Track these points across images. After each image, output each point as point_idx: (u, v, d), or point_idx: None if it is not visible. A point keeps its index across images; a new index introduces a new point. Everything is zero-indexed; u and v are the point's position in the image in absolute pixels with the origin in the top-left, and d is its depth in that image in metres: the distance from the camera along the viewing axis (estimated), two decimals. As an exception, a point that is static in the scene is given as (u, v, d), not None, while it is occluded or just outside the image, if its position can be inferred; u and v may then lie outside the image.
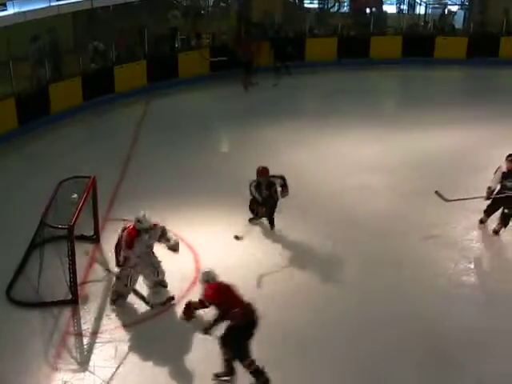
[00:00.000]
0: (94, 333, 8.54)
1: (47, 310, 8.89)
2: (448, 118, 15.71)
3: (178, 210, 11.45)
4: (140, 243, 8.65)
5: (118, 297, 9.01)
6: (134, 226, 8.65)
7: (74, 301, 8.99)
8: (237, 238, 10.36)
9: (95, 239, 10.39)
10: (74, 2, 15.79)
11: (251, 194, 10.69)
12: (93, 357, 8.15)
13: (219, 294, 7.56)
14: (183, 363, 8.03)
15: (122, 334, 8.52)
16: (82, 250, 9.67)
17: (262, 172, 10.60)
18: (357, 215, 11.31)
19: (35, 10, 14.91)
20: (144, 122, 16.03)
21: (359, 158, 13.52)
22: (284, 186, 10.66)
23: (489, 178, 12.66)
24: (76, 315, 8.86)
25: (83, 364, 8.04)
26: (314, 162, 13.47)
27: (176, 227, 10.62)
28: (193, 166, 13.17)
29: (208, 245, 10.35)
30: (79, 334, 8.53)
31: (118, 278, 8.96)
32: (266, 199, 10.65)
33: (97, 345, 8.35)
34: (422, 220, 11.20)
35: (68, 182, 9.85)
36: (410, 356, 8.14)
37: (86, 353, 8.26)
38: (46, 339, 8.38)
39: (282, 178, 10.63)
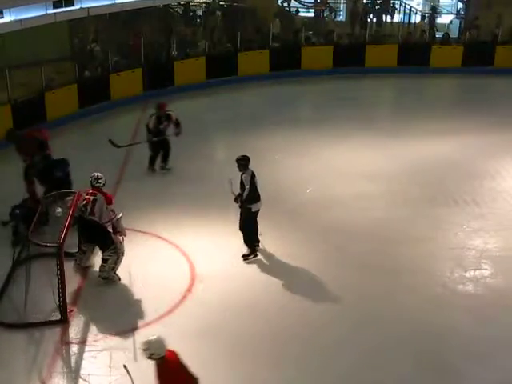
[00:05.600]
0: (89, 341, 8.46)
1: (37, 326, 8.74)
2: (443, 126, 15.75)
3: (173, 218, 11.44)
4: None
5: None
6: (98, 188, 9.40)
7: (62, 320, 8.71)
8: (111, 142, 13.08)
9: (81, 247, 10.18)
10: (70, 11, 15.79)
11: (147, 124, 13.09)
12: (88, 365, 8.08)
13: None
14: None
15: (119, 342, 8.44)
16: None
17: (162, 106, 13.19)
18: (352, 223, 11.32)
19: (32, 17, 14.92)
20: (140, 130, 16.00)
21: (354, 167, 13.53)
22: (178, 123, 13.07)
23: (483, 187, 12.79)
24: (70, 324, 8.78)
25: (78, 372, 7.96)
26: (308, 170, 13.48)
27: (171, 236, 10.65)
28: (188, 175, 13.17)
29: (203, 253, 10.33)
30: (74, 343, 8.45)
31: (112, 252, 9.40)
32: (160, 132, 13.06)
33: (92, 353, 8.28)
34: (418, 228, 11.21)
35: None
36: (405, 360, 8.12)
37: (80, 361, 8.18)
38: (41, 349, 8.30)
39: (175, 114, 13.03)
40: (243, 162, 9.92)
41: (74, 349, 8.37)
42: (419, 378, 7.90)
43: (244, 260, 10.11)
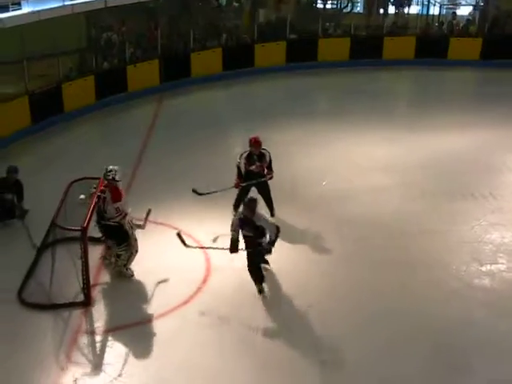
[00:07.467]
0: (106, 331, 8.56)
1: (59, 311, 8.90)
2: (461, 119, 15.64)
3: (189, 209, 11.46)
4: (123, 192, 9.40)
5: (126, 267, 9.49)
6: (108, 182, 9.16)
7: (86, 303, 8.95)
8: (195, 191, 10.95)
9: (104, 241, 10.32)
10: (87, 2, 15.88)
11: (238, 164, 10.58)
12: (104, 354, 8.18)
13: None
14: (193, 362, 8.02)
15: (135, 333, 8.53)
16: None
17: (255, 142, 10.51)
18: (368, 216, 11.28)
19: (49, 9, 15.02)
20: (156, 122, 16.09)
21: (370, 160, 13.48)
22: (270, 166, 10.61)
23: (501, 180, 12.69)
24: (87, 313, 8.89)
25: (94, 361, 8.07)
26: (325, 162, 13.45)
27: (186, 227, 10.65)
28: (205, 166, 13.18)
29: (219, 245, 10.33)
30: (90, 332, 8.54)
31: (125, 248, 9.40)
32: (249, 174, 10.59)
33: (109, 343, 8.36)
34: (434, 221, 11.15)
35: (77, 182, 9.86)
36: (420, 355, 8.10)
37: (97, 350, 8.28)
38: (58, 337, 8.41)
39: (270, 154, 10.58)
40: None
41: (91, 338, 8.44)
42: (434, 371, 7.88)
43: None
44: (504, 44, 20.06)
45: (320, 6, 23.92)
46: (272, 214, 10.94)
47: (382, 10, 23.45)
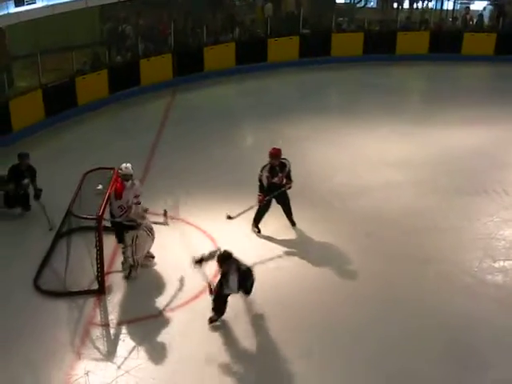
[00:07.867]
0: (119, 323, 8.63)
1: (73, 300, 9.00)
2: (473, 115, 15.55)
3: (201, 203, 11.49)
4: (126, 191, 9.19)
5: (130, 269, 9.43)
6: (119, 179, 9.29)
7: (100, 291, 9.09)
8: (229, 217, 10.38)
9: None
10: (101, -5, 15.96)
11: (260, 177, 10.26)
12: (116, 347, 8.23)
13: None
14: (203, 357, 8.05)
15: (146, 326, 8.57)
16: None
17: (274, 154, 10.19)
18: (382, 211, 11.27)
19: (63, 3, 15.08)
20: (169, 115, 16.12)
21: (383, 155, 13.45)
22: (289, 175, 10.34)
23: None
24: (100, 305, 8.95)
25: (106, 354, 8.12)
26: (338, 158, 13.43)
27: (199, 221, 10.70)
28: (215, 160, 13.22)
29: (230, 239, 10.34)
30: (103, 325, 8.62)
31: (123, 248, 9.42)
32: (271, 187, 10.29)
33: (121, 336, 8.43)
34: (446, 217, 11.12)
35: (91, 173, 9.94)
36: (432, 351, 8.09)
37: (109, 343, 8.34)
38: (71, 329, 8.48)
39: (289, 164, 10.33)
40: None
41: (103, 330, 8.51)
42: (446, 366, 7.88)
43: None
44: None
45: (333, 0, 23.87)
46: (293, 224, 10.76)
47: (395, 5, 23.37)
